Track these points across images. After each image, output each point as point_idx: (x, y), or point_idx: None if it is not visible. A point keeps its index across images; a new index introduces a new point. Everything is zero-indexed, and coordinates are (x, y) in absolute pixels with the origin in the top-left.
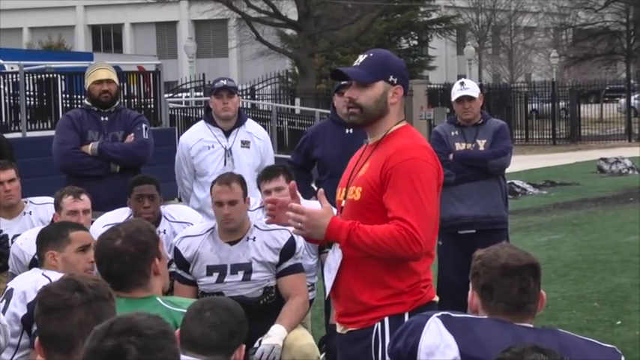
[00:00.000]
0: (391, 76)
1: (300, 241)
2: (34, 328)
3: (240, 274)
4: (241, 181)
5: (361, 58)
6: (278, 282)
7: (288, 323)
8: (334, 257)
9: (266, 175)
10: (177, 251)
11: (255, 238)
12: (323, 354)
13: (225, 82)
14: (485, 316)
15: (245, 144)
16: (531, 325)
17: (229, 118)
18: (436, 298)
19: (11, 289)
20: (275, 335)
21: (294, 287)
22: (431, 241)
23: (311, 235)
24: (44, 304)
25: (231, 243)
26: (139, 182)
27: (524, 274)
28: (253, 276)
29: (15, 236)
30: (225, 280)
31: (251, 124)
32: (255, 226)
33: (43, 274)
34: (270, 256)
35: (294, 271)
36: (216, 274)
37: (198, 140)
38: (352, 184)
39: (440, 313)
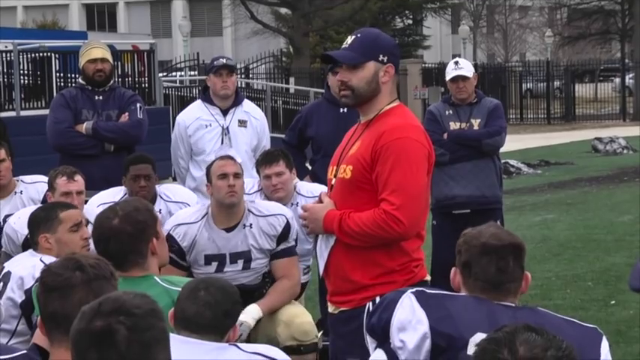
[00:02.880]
0: (381, 55)
1: (294, 225)
2: (34, 315)
3: (240, 263)
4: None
5: (350, 39)
6: (271, 264)
7: (267, 304)
8: (326, 237)
9: (266, 159)
10: (172, 239)
11: (251, 224)
12: (320, 332)
13: (225, 61)
14: (463, 294)
15: (242, 123)
16: (511, 304)
17: (228, 96)
18: (428, 278)
19: (8, 272)
20: (247, 313)
21: (285, 269)
22: (420, 220)
23: (314, 229)
24: (45, 283)
25: (227, 230)
26: (135, 162)
27: (504, 254)
28: (253, 264)
29: (6, 216)
30: (225, 269)
31: (248, 104)
32: (249, 211)
33: (41, 260)
34: (267, 243)
35: (286, 254)
36: (215, 264)
37: (195, 119)
38: (343, 162)
39: (415, 289)
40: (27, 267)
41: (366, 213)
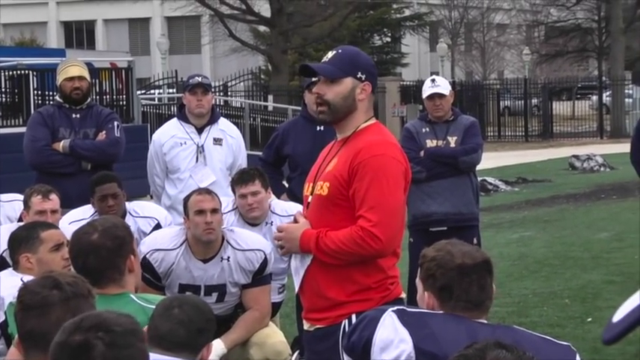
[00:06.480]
0: (359, 73)
1: (272, 259)
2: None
3: (214, 296)
4: (216, 194)
5: (330, 54)
6: (242, 292)
7: (232, 339)
8: (301, 255)
9: (241, 179)
10: (148, 264)
11: (229, 258)
12: (297, 352)
13: (200, 79)
14: (441, 312)
15: (217, 141)
16: (486, 322)
17: (203, 115)
18: (403, 295)
19: None
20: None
21: (255, 301)
22: (397, 237)
23: (290, 249)
24: (23, 302)
25: (205, 261)
26: (100, 182)
27: (481, 272)
28: (227, 297)
29: None
30: None
31: (224, 122)
32: (228, 242)
33: (21, 280)
34: (243, 278)
35: (259, 283)
36: (188, 294)
37: (170, 137)
38: (320, 179)
39: (395, 308)
40: (7, 287)
41: (343, 231)
